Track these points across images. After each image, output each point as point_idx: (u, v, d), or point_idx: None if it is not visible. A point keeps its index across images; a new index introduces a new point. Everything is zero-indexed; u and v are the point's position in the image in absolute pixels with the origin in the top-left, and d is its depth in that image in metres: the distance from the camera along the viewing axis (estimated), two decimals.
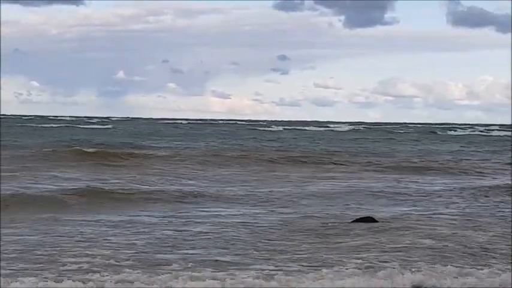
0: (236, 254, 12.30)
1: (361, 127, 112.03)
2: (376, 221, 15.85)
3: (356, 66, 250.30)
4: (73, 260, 11.74)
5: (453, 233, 14.37)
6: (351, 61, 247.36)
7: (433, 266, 11.55)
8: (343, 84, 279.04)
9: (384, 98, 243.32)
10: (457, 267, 11.58)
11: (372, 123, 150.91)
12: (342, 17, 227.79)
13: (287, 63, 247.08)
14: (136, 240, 13.56)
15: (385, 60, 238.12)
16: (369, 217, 16.28)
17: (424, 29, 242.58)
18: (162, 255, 12.24)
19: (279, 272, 11.02)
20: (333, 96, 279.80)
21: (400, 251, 12.59)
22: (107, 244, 13.07)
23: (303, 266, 11.54)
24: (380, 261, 11.77)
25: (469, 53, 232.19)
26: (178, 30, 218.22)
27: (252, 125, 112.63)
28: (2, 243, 13.24)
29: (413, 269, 11.26)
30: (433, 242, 13.45)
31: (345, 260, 11.90)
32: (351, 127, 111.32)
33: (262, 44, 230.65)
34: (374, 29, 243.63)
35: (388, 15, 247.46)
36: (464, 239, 13.88)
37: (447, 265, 11.62)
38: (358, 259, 11.91)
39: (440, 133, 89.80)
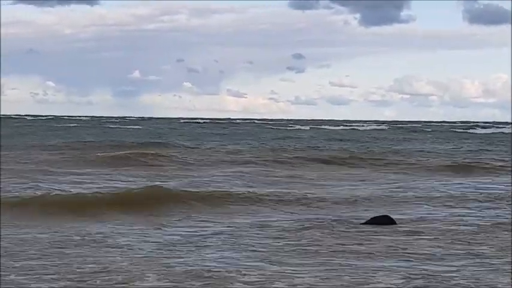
0: None
1: (383, 126, 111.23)
2: None
3: (371, 64, 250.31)
4: None
5: None
6: (367, 59, 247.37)
7: None
8: (359, 83, 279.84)
9: (399, 96, 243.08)
10: None
11: (391, 121, 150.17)
12: (358, 15, 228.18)
13: (302, 62, 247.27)
14: None
15: (400, 59, 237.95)
16: None
17: (440, 26, 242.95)
18: None
19: None
20: (348, 94, 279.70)
21: None
22: None
23: None
24: None
25: (484, 51, 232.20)
26: (193, 30, 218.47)
27: (275, 125, 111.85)
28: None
29: None
30: None
31: None
32: (372, 126, 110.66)
33: (277, 42, 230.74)
34: (390, 27, 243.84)
35: (404, 13, 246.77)
36: None
37: None
38: None
39: (460, 131, 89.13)
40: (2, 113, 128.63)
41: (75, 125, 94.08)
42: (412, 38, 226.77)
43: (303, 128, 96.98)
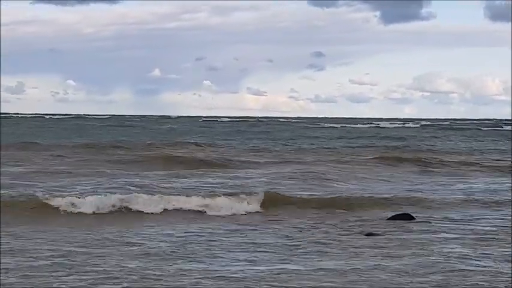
0: None
1: (412, 124, 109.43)
2: None
3: (392, 62, 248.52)
4: None
5: None
6: (387, 57, 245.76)
7: None
8: (379, 80, 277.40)
9: (420, 93, 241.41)
10: None
11: (413, 119, 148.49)
12: (378, 13, 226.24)
13: (322, 60, 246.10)
14: None
15: (421, 56, 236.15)
16: None
17: (461, 23, 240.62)
18: None
19: None
20: (368, 92, 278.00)
21: None
22: None
23: None
24: None
25: (506, 48, 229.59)
26: (213, 28, 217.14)
27: (306, 123, 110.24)
28: None
29: None
30: None
31: None
32: (395, 123, 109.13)
33: (297, 40, 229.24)
34: (410, 24, 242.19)
35: (424, 10, 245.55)
36: None
37: None
38: None
39: (487, 129, 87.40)
40: (22, 112, 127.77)
41: (100, 124, 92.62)
42: (432, 35, 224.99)
43: (335, 126, 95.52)
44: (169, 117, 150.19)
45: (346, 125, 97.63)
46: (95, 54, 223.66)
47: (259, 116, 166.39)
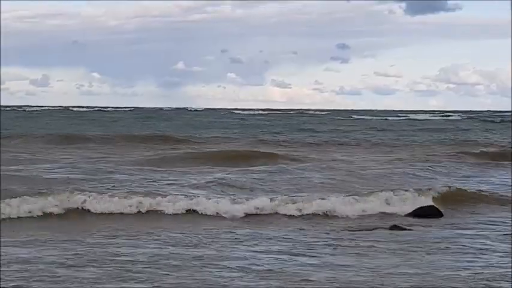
0: None
1: (451, 115, 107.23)
2: None
3: (417, 53, 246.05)
4: None
5: None
6: (412, 49, 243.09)
7: None
8: (404, 72, 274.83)
9: (445, 85, 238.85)
10: None
11: (442, 111, 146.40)
12: (403, 4, 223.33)
13: (347, 52, 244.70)
14: None
15: (446, 48, 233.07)
16: None
17: (487, 15, 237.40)
18: None
19: None
20: (393, 84, 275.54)
21: None
22: None
23: None
24: None
25: None
26: (237, 20, 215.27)
27: (332, 115, 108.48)
28: None
29: None
30: None
31: None
32: (422, 115, 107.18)
33: (321, 32, 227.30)
34: (436, 15, 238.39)
35: (450, 2, 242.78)
36: None
37: None
38: None
39: None
40: (48, 105, 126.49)
41: (135, 115, 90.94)
42: (458, 26, 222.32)
43: (369, 118, 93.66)
44: (196, 110, 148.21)
45: (387, 118, 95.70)
46: (119, 46, 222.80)
47: (284, 108, 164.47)
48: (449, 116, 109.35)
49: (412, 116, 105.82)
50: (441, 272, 10.21)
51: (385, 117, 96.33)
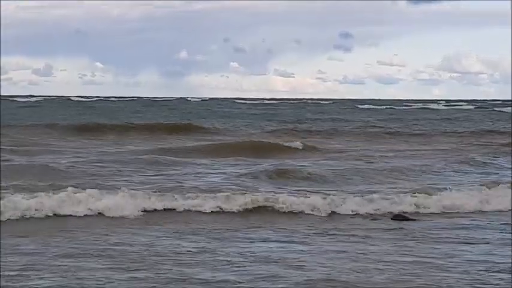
0: None
1: (470, 105, 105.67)
2: None
3: (420, 42, 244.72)
4: None
5: None
6: (415, 38, 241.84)
7: None
8: (407, 61, 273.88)
9: (448, 74, 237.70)
10: None
11: (447, 100, 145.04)
12: None
13: (350, 41, 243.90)
14: None
15: (450, 36, 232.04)
16: None
17: (491, 3, 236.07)
18: None
19: None
20: (396, 73, 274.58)
21: None
22: None
23: None
24: None
25: None
26: (240, 9, 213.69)
27: (347, 105, 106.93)
28: None
29: None
30: None
31: None
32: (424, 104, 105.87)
33: (324, 21, 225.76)
34: (439, 4, 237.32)
35: None
36: None
37: None
38: None
39: None
40: (51, 95, 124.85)
41: (145, 105, 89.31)
42: (461, 15, 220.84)
43: (377, 107, 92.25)
44: (202, 99, 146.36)
45: (394, 107, 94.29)
46: (122, 36, 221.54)
47: (287, 97, 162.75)
48: (457, 105, 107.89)
49: (419, 106, 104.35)
50: None
51: (395, 107, 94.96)
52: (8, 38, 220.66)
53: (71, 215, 14.02)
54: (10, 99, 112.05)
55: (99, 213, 14.24)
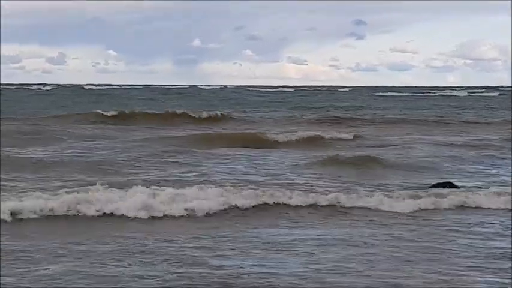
0: None
1: (492, 92, 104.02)
2: None
3: (433, 29, 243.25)
4: None
5: None
6: (428, 24, 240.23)
7: None
8: (421, 48, 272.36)
9: (462, 61, 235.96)
10: None
11: (460, 87, 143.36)
12: None
13: (363, 28, 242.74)
14: None
15: (464, 23, 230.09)
16: None
17: None
18: None
19: None
20: (410, 60, 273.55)
21: None
22: None
23: None
24: None
25: None
26: None
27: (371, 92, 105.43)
28: None
29: None
30: None
31: None
32: (465, 91, 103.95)
33: (337, 9, 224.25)
34: None
35: None
36: None
37: None
38: None
39: None
40: (64, 83, 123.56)
41: (165, 93, 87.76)
42: (474, 1, 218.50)
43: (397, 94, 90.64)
44: (213, 87, 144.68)
45: (416, 94, 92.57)
46: (135, 24, 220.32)
47: (299, 85, 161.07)
48: (476, 92, 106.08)
49: (439, 92, 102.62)
50: None
51: (416, 94, 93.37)
52: (22, 27, 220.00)
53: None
54: (25, 87, 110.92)
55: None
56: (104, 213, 12.73)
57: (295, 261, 9.65)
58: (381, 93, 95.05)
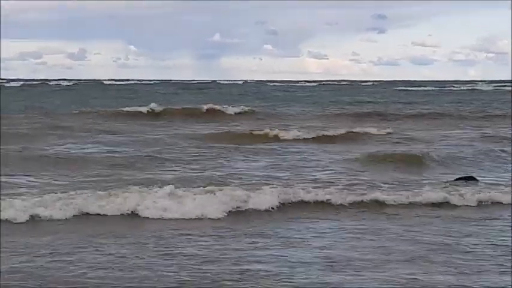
0: None
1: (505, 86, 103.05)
2: None
3: (455, 23, 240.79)
4: None
5: None
6: (450, 18, 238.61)
7: None
8: (442, 42, 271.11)
9: (484, 55, 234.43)
10: None
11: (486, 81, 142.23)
12: None
13: (384, 22, 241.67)
14: None
15: (485, 17, 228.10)
16: None
17: None
18: None
19: None
20: (431, 54, 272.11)
21: None
22: None
23: None
24: None
25: None
26: None
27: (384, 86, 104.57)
28: None
29: None
30: None
31: None
32: (491, 86, 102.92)
33: (358, 3, 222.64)
34: None
35: None
36: None
37: None
38: None
39: None
40: (85, 78, 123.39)
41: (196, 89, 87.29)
42: None
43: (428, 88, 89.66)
44: (234, 82, 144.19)
45: (442, 88, 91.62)
46: (156, 19, 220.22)
47: (320, 79, 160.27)
48: (502, 86, 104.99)
49: (465, 87, 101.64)
50: None
51: (440, 88, 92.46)
52: (43, 23, 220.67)
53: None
54: (48, 83, 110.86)
55: None
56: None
57: None
58: (403, 88, 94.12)
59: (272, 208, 13.02)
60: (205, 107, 37.69)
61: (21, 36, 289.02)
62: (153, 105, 36.39)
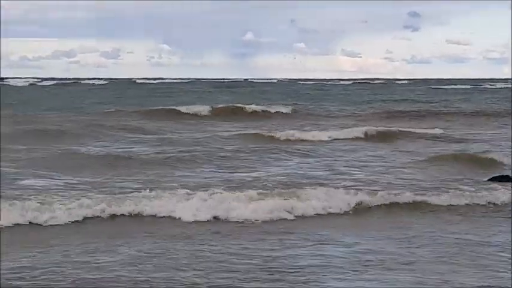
0: None
1: None
2: None
3: (489, 21, 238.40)
4: None
5: None
6: (484, 16, 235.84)
7: None
8: (476, 40, 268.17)
9: None
10: None
11: None
12: None
13: (418, 20, 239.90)
14: None
15: None
16: None
17: None
18: None
19: None
20: (465, 52, 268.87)
21: None
22: None
23: None
24: None
25: None
26: None
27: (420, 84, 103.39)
28: None
29: None
30: None
31: None
32: None
33: (390, 1, 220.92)
34: None
35: None
36: None
37: None
38: None
39: None
40: (119, 77, 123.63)
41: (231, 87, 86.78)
42: None
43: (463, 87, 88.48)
44: (267, 80, 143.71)
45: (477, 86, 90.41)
46: (188, 17, 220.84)
47: (354, 77, 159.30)
48: None
49: (502, 85, 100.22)
50: None
51: (476, 86, 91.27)
52: (77, 21, 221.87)
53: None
54: (82, 81, 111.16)
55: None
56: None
57: None
58: (439, 86, 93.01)
59: None
60: (251, 107, 37.30)
61: (55, 35, 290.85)
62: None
